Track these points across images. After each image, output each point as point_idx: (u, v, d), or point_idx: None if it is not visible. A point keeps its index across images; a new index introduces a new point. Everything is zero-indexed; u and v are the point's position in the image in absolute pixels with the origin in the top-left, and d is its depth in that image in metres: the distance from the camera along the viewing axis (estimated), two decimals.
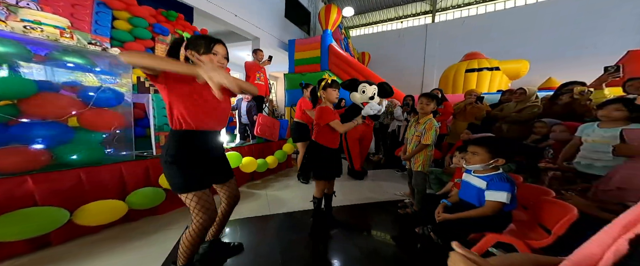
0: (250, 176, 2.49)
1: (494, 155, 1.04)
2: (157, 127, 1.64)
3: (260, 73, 3.36)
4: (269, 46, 5.59)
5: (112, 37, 2.30)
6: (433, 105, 1.59)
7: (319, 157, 1.40)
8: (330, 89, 1.38)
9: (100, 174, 1.33)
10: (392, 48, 7.50)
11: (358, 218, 1.75)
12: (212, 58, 0.87)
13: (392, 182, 2.58)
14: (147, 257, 1.16)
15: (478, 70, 5.09)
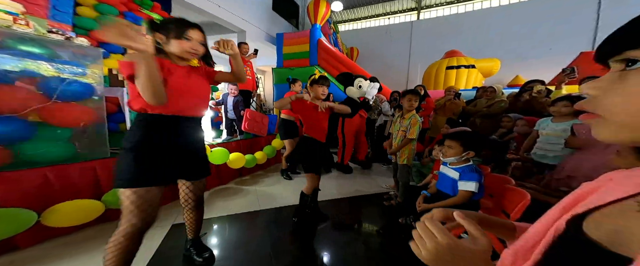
0: (238, 173, 2.46)
1: (466, 148, 1.14)
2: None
3: (246, 67, 3.26)
4: (255, 39, 5.40)
5: (74, 25, 2.06)
6: (416, 101, 1.69)
7: (308, 150, 1.39)
8: (316, 85, 1.37)
9: (71, 173, 1.24)
10: (380, 44, 7.64)
11: (347, 210, 1.82)
12: (184, 44, 0.79)
13: (378, 175, 2.70)
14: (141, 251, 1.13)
15: (457, 67, 5.42)
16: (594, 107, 0.21)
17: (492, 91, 2.46)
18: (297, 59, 5.23)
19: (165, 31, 0.79)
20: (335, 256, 1.23)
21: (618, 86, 0.20)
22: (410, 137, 1.62)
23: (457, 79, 5.43)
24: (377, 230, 1.52)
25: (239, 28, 4.97)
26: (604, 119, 0.21)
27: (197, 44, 0.82)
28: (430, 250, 0.25)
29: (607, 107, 0.20)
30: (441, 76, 5.60)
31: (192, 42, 0.81)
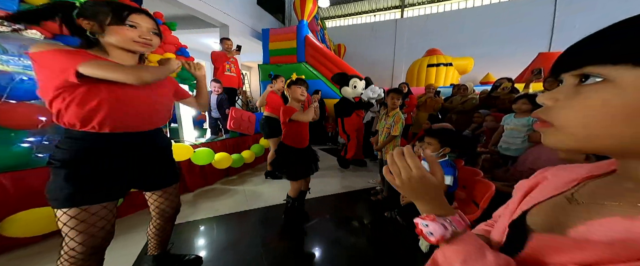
0: (225, 173, 2.40)
1: (443, 145, 1.23)
2: None
3: (230, 64, 3.15)
4: (239, 34, 5.20)
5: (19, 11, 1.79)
6: (399, 100, 1.77)
7: (289, 159, 1.36)
8: (294, 86, 1.33)
9: (29, 180, 1.13)
10: (366, 41, 7.75)
11: (337, 206, 1.87)
12: (127, 32, 0.62)
13: (367, 171, 2.78)
14: (116, 259, 1.07)
15: (436, 65, 5.73)
16: (549, 117, 0.23)
17: (464, 88, 2.68)
18: (284, 55, 5.14)
19: (96, 16, 0.60)
20: (325, 252, 1.27)
21: (573, 99, 0.21)
22: (394, 134, 1.70)
23: (436, 76, 5.72)
24: (365, 224, 1.58)
25: (221, 23, 4.74)
26: (555, 129, 0.22)
27: (146, 32, 0.66)
28: (404, 180, 0.29)
29: (561, 118, 0.22)
30: (423, 74, 5.87)
31: (139, 30, 0.64)
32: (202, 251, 1.24)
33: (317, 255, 1.25)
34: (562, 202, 0.26)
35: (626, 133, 0.19)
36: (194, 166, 2.01)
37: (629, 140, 0.19)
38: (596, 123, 0.19)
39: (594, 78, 0.20)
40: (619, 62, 0.18)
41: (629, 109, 0.18)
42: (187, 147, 1.89)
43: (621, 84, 0.18)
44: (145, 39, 0.66)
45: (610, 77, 0.19)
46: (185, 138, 2.10)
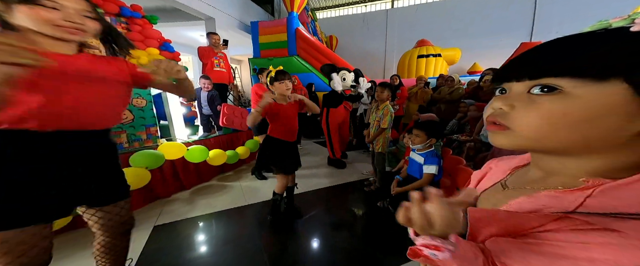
0: (220, 169, 2.41)
1: (429, 136, 1.30)
2: None
3: (218, 59, 3.06)
4: (227, 27, 5.01)
5: None
6: (387, 92, 1.80)
7: (276, 151, 1.33)
8: (276, 82, 1.23)
9: None
10: (358, 32, 7.66)
11: (332, 199, 1.92)
12: (40, 12, 0.48)
13: (360, 163, 2.85)
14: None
15: (426, 56, 5.78)
16: (506, 121, 0.25)
17: (451, 79, 2.77)
18: (275, 48, 5.03)
19: None
20: (323, 243, 1.32)
21: (529, 107, 0.23)
22: (383, 126, 1.75)
23: (426, 67, 5.79)
24: (360, 215, 1.64)
25: (207, 15, 4.53)
26: (511, 131, 0.24)
27: (75, 15, 0.52)
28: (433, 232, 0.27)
29: (517, 122, 0.24)
30: (413, 65, 5.93)
31: (62, 12, 0.50)
32: (203, 247, 1.27)
33: (315, 246, 1.31)
34: (498, 188, 0.32)
35: (570, 138, 0.22)
36: (188, 164, 2.00)
37: (569, 144, 0.22)
38: (548, 129, 0.22)
39: (544, 87, 0.22)
40: (579, 77, 0.20)
41: (579, 118, 0.21)
42: (179, 145, 1.87)
43: (577, 96, 0.21)
44: (73, 23, 0.52)
45: (565, 89, 0.21)
46: (176, 136, 2.07)
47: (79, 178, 0.62)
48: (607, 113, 0.20)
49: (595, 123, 0.21)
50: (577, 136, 0.22)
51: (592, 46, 0.21)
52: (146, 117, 1.67)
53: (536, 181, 0.28)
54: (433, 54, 5.77)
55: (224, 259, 1.17)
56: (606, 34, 0.21)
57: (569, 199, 0.22)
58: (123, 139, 1.56)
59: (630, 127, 0.20)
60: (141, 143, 1.66)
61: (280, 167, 1.36)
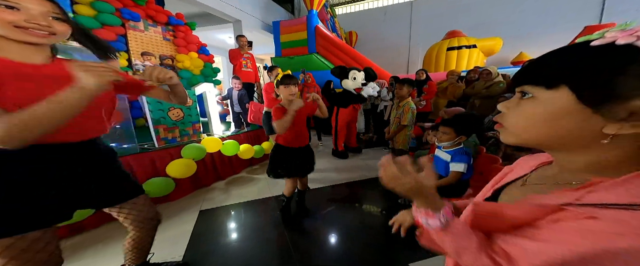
0: (248, 163, 2.62)
1: (459, 134, 1.25)
2: (155, 121, 1.69)
3: (246, 60, 3.28)
4: (252, 28, 5.26)
5: None
6: (406, 89, 1.76)
7: (283, 158, 1.33)
8: (282, 86, 1.22)
9: None
10: (378, 26, 7.38)
11: (352, 194, 1.96)
12: (4, 15, 0.45)
13: (379, 160, 2.87)
14: (172, 238, 1.32)
15: (458, 48, 5.31)
16: (502, 121, 0.31)
17: (488, 73, 2.54)
18: (295, 47, 5.15)
19: None
20: (343, 234, 1.37)
21: (516, 109, 0.29)
22: (403, 123, 1.73)
23: (458, 60, 5.34)
24: (380, 210, 1.65)
25: (234, 18, 4.82)
26: (505, 129, 0.30)
27: (40, 17, 0.49)
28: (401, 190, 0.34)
29: (509, 122, 0.30)
30: (442, 58, 5.51)
31: (25, 14, 0.47)
32: (237, 232, 1.42)
33: (335, 237, 1.37)
34: (518, 184, 0.35)
35: (542, 133, 0.27)
36: (224, 157, 2.23)
37: (545, 139, 0.27)
38: (527, 125, 0.28)
39: (527, 94, 0.28)
40: (538, 85, 0.26)
41: (543, 117, 0.26)
42: (217, 139, 2.10)
43: (540, 100, 0.26)
44: (37, 25, 0.48)
45: (535, 94, 0.26)
46: (214, 132, 2.32)
47: (76, 184, 0.63)
48: (562, 114, 0.24)
49: (557, 122, 0.25)
50: (548, 132, 0.26)
51: (553, 59, 0.25)
52: (192, 115, 1.92)
53: (551, 177, 0.31)
54: (466, 46, 5.29)
55: (254, 244, 1.29)
56: (569, 48, 0.25)
57: (571, 194, 0.25)
58: (176, 134, 1.82)
59: (588, 127, 0.24)
60: (189, 137, 1.92)
61: (287, 171, 1.35)
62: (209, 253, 1.22)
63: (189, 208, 1.65)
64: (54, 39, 0.54)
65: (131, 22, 2.51)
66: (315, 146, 3.53)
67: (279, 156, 1.33)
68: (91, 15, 2.24)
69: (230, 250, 1.26)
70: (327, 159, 2.86)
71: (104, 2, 2.30)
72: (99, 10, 2.30)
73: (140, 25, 2.59)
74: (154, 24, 2.71)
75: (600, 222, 0.20)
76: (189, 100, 0.95)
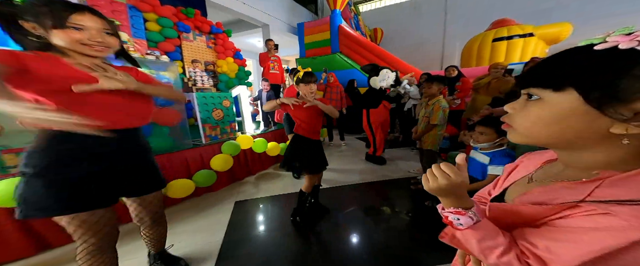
0: (275, 159, 2.81)
1: (500, 134, 1.14)
2: (203, 120, 1.96)
3: (273, 62, 3.49)
4: (278, 31, 5.52)
5: (147, 39, 2.54)
6: (436, 87, 1.67)
7: (301, 149, 1.34)
8: (302, 84, 1.24)
9: (174, 159, 1.70)
10: (407, 21, 6.96)
11: (374, 194, 1.94)
12: (72, 34, 0.56)
13: (407, 160, 2.73)
14: (214, 224, 1.51)
15: (508, 38, 4.65)
16: (509, 121, 0.32)
17: None
18: (319, 47, 5.23)
19: (38, 19, 0.55)
20: (363, 233, 1.38)
21: (523, 110, 0.30)
22: (432, 122, 1.64)
23: (508, 51, 4.67)
24: (405, 212, 1.61)
25: (263, 22, 5.13)
26: (513, 129, 0.32)
27: (97, 34, 0.60)
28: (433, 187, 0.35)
29: (516, 123, 0.31)
30: (486, 50, 4.89)
31: (88, 32, 0.58)
32: (266, 223, 1.54)
33: (356, 236, 1.36)
34: (524, 181, 0.37)
35: (550, 134, 0.28)
36: (254, 153, 2.45)
37: (552, 139, 0.28)
38: (535, 127, 0.29)
39: (534, 96, 0.29)
40: (545, 87, 0.27)
41: (551, 118, 0.27)
42: (249, 137, 2.32)
43: (547, 102, 0.27)
44: (96, 42, 0.60)
45: (542, 96, 0.27)
46: (247, 130, 2.56)
47: (121, 173, 0.74)
48: (569, 115, 0.25)
49: (564, 123, 0.26)
50: (555, 132, 0.27)
51: (558, 62, 0.26)
52: (229, 114, 2.16)
53: (556, 174, 0.32)
54: (519, 35, 4.58)
55: (281, 234, 1.39)
56: (573, 51, 0.26)
57: (580, 189, 0.26)
58: (218, 132, 2.08)
59: (594, 127, 0.25)
60: (227, 135, 2.17)
61: (306, 166, 1.36)
62: (242, 241, 1.35)
63: (226, 199, 1.86)
64: (109, 51, 0.66)
65: (184, 33, 2.91)
66: (338, 145, 3.57)
67: (296, 145, 1.35)
68: (157, 31, 2.68)
69: (259, 239, 1.37)
70: (350, 159, 2.87)
71: (165, 17, 2.73)
72: (163, 26, 2.73)
73: (190, 36, 2.99)
74: (200, 34, 3.10)
75: (616, 218, 0.22)
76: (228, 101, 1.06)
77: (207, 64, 3.15)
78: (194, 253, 1.21)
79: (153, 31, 2.65)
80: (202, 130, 1.96)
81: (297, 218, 1.50)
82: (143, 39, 2.50)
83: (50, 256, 1.20)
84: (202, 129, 1.96)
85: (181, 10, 2.97)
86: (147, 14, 2.61)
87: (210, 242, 1.32)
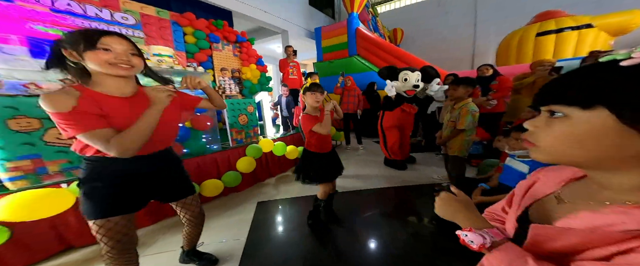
0: (294, 162, 2.88)
1: None
2: (231, 125, 2.13)
3: (292, 68, 3.60)
4: (297, 36, 5.68)
5: (186, 51, 2.83)
6: (462, 90, 1.54)
7: (313, 164, 1.36)
8: (309, 92, 1.25)
9: (207, 161, 1.87)
10: (431, 19, 6.64)
11: (394, 200, 1.89)
12: (101, 55, 0.64)
13: (429, 166, 2.60)
14: (239, 223, 1.61)
15: (556, 31, 4.04)
16: (532, 139, 0.31)
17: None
18: (336, 51, 5.26)
19: (74, 45, 0.63)
20: (384, 241, 1.34)
21: (547, 128, 0.29)
22: (460, 127, 1.53)
23: (557, 46, 4.05)
24: (426, 219, 1.53)
25: (282, 29, 5.33)
26: (537, 148, 0.30)
27: (123, 54, 0.67)
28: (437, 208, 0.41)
29: (540, 141, 0.30)
30: (528, 46, 4.31)
31: (114, 53, 0.65)
32: (285, 224, 1.60)
33: (373, 246, 1.33)
34: (552, 201, 0.34)
35: (578, 153, 0.26)
36: (274, 156, 2.54)
37: (581, 159, 0.27)
38: (561, 145, 0.28)
39: (557, 113, 0.27)
40: (572, 105, 0.25)
41: (579, 137, 0.25)
42: (270, 141, 2.42)
43: (574, 120, 0.26)
44: (122, 61, 0.67)
45: (567, 114, 0.26)
46: (268, 134, 2.67)
47: (152, 183, 0.84)
48: (600, 135, 0.24)
49: (596, 142, 0.25)
50: (584, 152, 0.26)
51: (585, 78, 0.25)
52: (253, 119, 2.30)
53: (592, 195, 0.30)
54: (572, 27, 3.95)
55: (299, 235, 1.42)
56: (598, 67, 0.24)
57: (637, 216, 0.24)
58: (243, 136, 2.23)
59: (630, 146, 0.23)
60: (250, 139, 2.30)
61: (320, 177, 1.37)
62: (263, 240, 1.41)
63: (249, 199, 1.97)
64: (134, 71, 0.71)
65: (214, 43, 3.17)
66: (355, 149, 3.54)
67: (308, 161, 1.36)
68: (193, 43, 2.97)
69: (279, 239, 1.42)
70: (368, 164, 2.83)
71: (200, 31, 3.01)
72: (198, 38, 3.02)
73: (220, 46, 3.25)
74: (227, 43, 3.35)
75: None
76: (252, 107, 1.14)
77: (234, 71, 3.39)
78: (221, 250, 1.31)
79: (190, 43, 2.94)
80: (230, 134, 2.12)
81: (311, 221, 1.53)
82: (183, 51, 2.80)
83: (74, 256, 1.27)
84: (230, 134, 2.11)
85: (212, 23, 3.24)
86: (186, 27, 2.91)
87: (236, 240, 1.41)
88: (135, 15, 2.46)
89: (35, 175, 1.19)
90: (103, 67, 0.65)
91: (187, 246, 1.13)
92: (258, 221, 1.63)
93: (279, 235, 1.47)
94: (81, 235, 1.28)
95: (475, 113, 1.52)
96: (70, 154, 1.28)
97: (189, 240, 1.09)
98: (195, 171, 1.77)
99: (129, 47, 0.69)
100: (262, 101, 2.58)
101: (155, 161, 0.82)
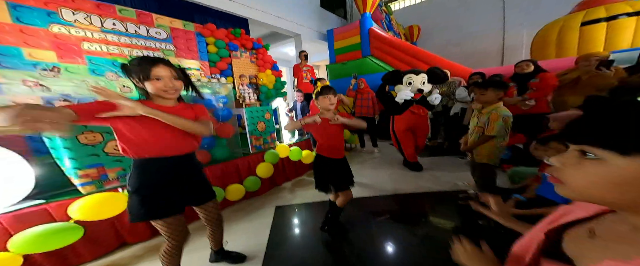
0: (309, 167, 2.95)
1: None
2: (250, 132, 2.24)
3: (306, 72, 3.67)
4: (309, 39, 5.73)
5: (209, 60, 3.06)
6: (492, 93, 1.40)
7: (325, 169, 1.33)
8: (321, 97, 1.23)
9: (230, 166, 2.00)
10: (450, 13, 6.27)
11: (414, 207, 1.83)
12: (156, 84, 0.80)
13: (451, 171, 2.48)
14: (259, 227, 1.68)
15: (607, 19, 3.49)
16: (559, 176, 0.30)
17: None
18: (349, 52, 5.22)
19: (134, 75, 0.81)
20: (403, 249, 1.34)
21: (577, 168, 0.28)
22: (489, 133, 1.40)
23: (609, 36, 3.48)
24: (448, 228, 1.47)
25: (295, 33, 5.41)
26: (564, 185, 0.30)
27: (169, 80, 0.83)
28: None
29: (568, 179, 0.29)
30: (571, 37, 3.76)
31: (163, 81, 0.82)
32: (301, 228, 1.64)
33: (390, 250, 1.33)
34: (584, 234, 0.32)
35: (613, 196, 0.25)
36: (290, 161, 2.62)
37: (615, 202, 0.26)
38: (593, 187, 0.27)
39: (590, 154, 0.26)
40: (607, 149, 0.24)
41: (616, 182, 0.24)
42: (286, 147, 2.52)
43: (610, 165, 0.24)
44: (169, 88, 0.84)
45: (604, 158, 0.25)
46: (284, 139, 2.80)
47: (186, 188, 0.97)
48: (638, 181, 0.23)
49: (632, 188, 0.24)
50: (618, 195, 0.25)
51: (621, 121, 0.23)
52: (270, 126, 2.41)
53: (624, 236, 0.28)
54: (630, 13, 3.34)
55: (316, 240, 1.47)
56: (635, 107, 0.23)
57: None
58: (261, 142, 2.35)
59: None
60: (268, 144, 2.43)
61: (337, 186, 1.34)
62: (282, 243, 1.46)
63: (267, 203, 2.05)
64: (177, 93, 0.90)
65: (233, 51, 3.36)
66: (370, 152, 3.52)
67: (321, 168, 1.34)
68: (215, 52, 3.18)
69: (297, 243, 1.47)
70: (383, 167, 2.79)
71: (220, 40, 3.21)
72: (219, 47, 3.22)
73: (238, 53, 3.43)
74: (245, 50, 3.53)
75: None
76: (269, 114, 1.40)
77: (251, 77, 3.56)
78: (244, 251, 1.38)
79: (212, 53, 3.16)
80: (250, 141, 2.25)
81: (325, 227, 1.52)
82: (206, 61, 3.03)
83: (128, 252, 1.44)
84: (250, 140, 2.25)
85: (231, 31, 3.41)
86: (208, 38, 3.11)
87: (257, 242, 1.48)
88: (166, 30, 2.71)
89: (99, 181, 1.40)
90: (158, 92, 0.84)
91: (215, 246, 1.25)
92: (277, 224, 1.70)
93: (297, 239, 1.53)
94: (134, 233, 1.49)
95: (507, 118, 1.36)
96: (124, 163, 1.49)
97: (215, 240, 1.22)
98: (220, 176, 1.90)
99: (172, 73, 0.85)
100: (278, 107, 2.70)
101: (181, 165, 0.94)
